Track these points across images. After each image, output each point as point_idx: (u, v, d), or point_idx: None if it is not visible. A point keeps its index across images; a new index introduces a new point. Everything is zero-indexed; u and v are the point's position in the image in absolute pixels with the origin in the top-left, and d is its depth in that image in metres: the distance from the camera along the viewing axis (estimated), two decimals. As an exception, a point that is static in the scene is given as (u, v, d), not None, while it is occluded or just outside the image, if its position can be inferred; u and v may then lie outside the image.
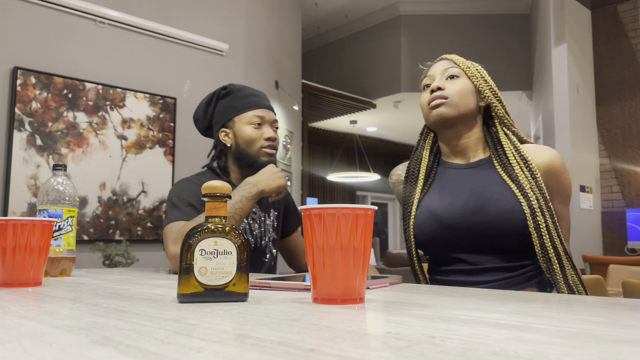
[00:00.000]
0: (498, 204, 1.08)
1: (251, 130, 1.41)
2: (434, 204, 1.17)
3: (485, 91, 1.17)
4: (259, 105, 1.45)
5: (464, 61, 1.20)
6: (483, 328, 0.44)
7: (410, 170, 1.25)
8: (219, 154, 1.46)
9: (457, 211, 1.12)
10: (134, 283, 0.92)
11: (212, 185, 0.67)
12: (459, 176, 1.18)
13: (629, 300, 0.66)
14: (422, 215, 1.18)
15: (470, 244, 1.12)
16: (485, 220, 1.09)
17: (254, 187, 1.29)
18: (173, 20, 3.38)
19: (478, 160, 1.18)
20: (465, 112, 1.16)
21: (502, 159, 1.14)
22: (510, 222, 1.07)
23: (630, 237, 4.62)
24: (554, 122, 4.85)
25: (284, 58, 4.69)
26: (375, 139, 9.38)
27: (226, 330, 0.44)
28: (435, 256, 1.21)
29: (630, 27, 5.05)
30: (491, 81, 1.20)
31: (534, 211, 1.06)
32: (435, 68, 1.22)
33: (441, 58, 1.25)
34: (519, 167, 1.11)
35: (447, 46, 6.22)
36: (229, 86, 1.47)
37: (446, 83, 1.17)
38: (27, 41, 2.77)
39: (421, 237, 1.18)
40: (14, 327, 0.45)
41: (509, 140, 1.16)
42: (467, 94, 1.16)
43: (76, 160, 2.88)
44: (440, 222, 1.14)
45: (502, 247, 1.10)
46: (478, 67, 1.21)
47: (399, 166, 1.34)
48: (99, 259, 2.76)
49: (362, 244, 0.61)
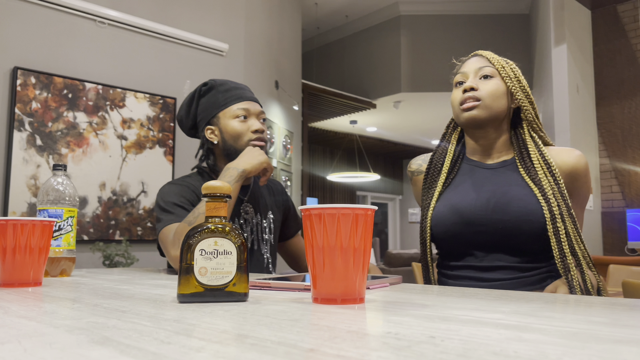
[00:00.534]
0: (519, 205, 1.09)
1: (237, 124, 1.37)
2: (456, 198, 1.17)
3: (517, 93, 1.15)
4: (243, 97, 1.40)
5: (499, 60, 1.18)
6: (483, 328, 0.44)
7: (433, 162, 1.25)
8: (207, 153, 1.42)
9: (479, 208, 1.13)
10: (134, 283, 0.92)
11: (212, 185, 0.67)
12: (483, 174, 1.18)
13: (629, 300, 0.66)
14: (442, 208, 1.18)
15: (488, 241, 1.12)
16: (506, 219, 1.09)
17: (235, 169, 1.27)
18: (173, 20, 3.38)
19: (502, 161, 1.18)
20: (497, 114, 1.15)
21: (526, 162, 1.13)
22: (530, 224, 1.07)
23: (630, 237, 4.62)
24: (554, 122, 4.85)
25: (284, 58, 4.69)
26: (375, 139, 9.38)
27: (226, 330, 0.44)
28: (448, 251, 1.20)
29: (630, 27, 5.05)
30: (524, 81, 1.17)
31: (554, 216, 1.06)
32: (469, 65, 1.20)
33: (475, 54, 1.23)
34: (542, 172, 1.11)
35: (447, 46, 6.22)
36: (210, 82, 1.43)
37: (479, 83, 1.16)
38: (27, 41, 2.77)
39: (439, 229, 1.18)
40: (14, 327, 0.45)
41: (534, 143, 1.15)
42: (500, 96, 1.15)
43: (76, 160, 2.88)
44: (461, 216, 1.14)
45: (519, 247, 1.10)
46: (513, 66, 1.18)
47: (420, 156, 1.34)
48: (99, 259, 2.75)
49: (362, 244, 0.61)
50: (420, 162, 1.31)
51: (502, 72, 1.16)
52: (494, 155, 1.20)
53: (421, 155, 1.33)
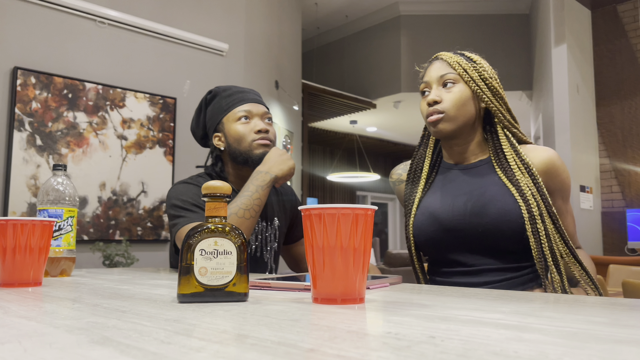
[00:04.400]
0: (497, 205, 1.08)
1: (239, 126, 1.34)
2: (434, 204, 1.16)
3: (483, 96, 1.13)
4: (245, 100, 1.38)
5: (459, 63, 1.14)
6: (483, 328, 0.44)
7: (413, 169, 1.25)
8: (215, 160, 1.40)
9: (456, 213, 1.12)
10: (134, 283, 0.92)
11: (212, 185, 0.67)
12: (460, 177, 1.18)
13: (629, 300, 0.66)
14: (421, 216, 1.18)
15: (469, 245, 1.12)
16: (484, 221, 1.08)
17: (267, 174, 1.25)
18: (173, 20, 3.38)
19: (478, 161, 1.18)
20: (465, 122, 1.13)
21: (502, 162, 1.13)
22: (509, 224, 1.07)
23: (630, 237, 4.62)
24: (554, 122, 4.85)
25: (284, 58, 4.69)
26: (375, 139, 9.38)
27: (226, 330, 0.44)
28: (434, 257, 1.21)
29: (630, 27, 5.05)
30: (491, 78, 1.14)
31: (533, 217, 1.05)
32: (431, 73, 1.17)
33: (436, 57, 1.20)
34: (519, 172, 1.10)
35: (447, 46, 6.18)
36: (214, 89, 1.42)
37: (442, 93, 1.13)
38: (27, 41, 2.77)
39: (420, 238, 1.18)
40: (14, 327, 0.45)
41: (509, 142, 1.14)
42: (464, 103, 1.12)
43: (76, 160, 2.88)
44: (440, 223, 1.14)
45: (501, 248, 1.10)
46: (476, 66, 1.15)
47: (399, 165, 1.33)
48: (99, 259, 2.75)
49: (362, 244, 0.61)
50: (400, 172, 1.31)
51: (465, 77, 1.13)
52: (469, 157, 1.19)
53: (400, 165, 1.33)
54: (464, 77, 1.13)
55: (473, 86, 1.13)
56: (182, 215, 1.26)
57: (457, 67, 1.14)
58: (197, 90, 3.41)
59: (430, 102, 1.14)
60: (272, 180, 1.26)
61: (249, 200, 1.21)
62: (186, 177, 1.49)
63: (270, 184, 1.25)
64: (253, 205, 1.21)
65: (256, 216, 1.23)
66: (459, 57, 1.16)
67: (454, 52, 1.20)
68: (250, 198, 1.21)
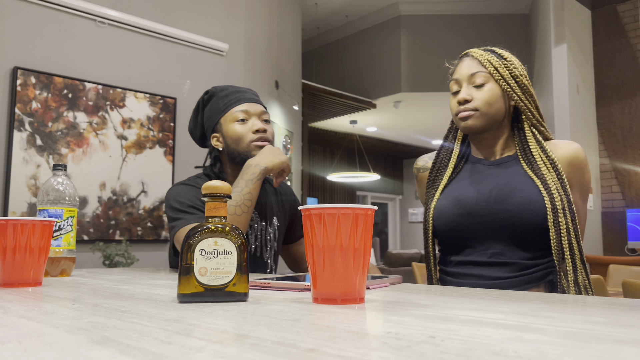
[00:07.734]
0: (522, 195, 1.10)
1: (237, 126, 1.33)
2: (459, 190, 1.18)
3: (512, 94, 1.14)
4: (242, 100, 1.37)
5: (490, 61, 1.15)
6: (483, 328, 0.44)
7: (440, 158, 1.27)
8: (214, 160, 1.40)
9: (481, 199, 1.14)
10: (134, 283, 0.92)
11: (212, 185, 0.67)
12: (486, 170, 1.20)
13: (629, 300, 0.66)
14: (444, 200, 1.19)
15: (489, 232, 1.13)
16: (507, 209, 1.10)
17: (256, 166, 1.25)
18: (173, 20, 3.38)
19: (505, 157, 1.20)
20: (495, 118, 1.15)
21: (528, 157, 1.15)
22: (531, 213, 1.08)
23: (630, 237, 4.62)
24: (554, 122, 4.85)
25: (284, 58, 4.69)
26: (375, 139, 9.38)
27: (226, 330, 0.44)
28: (450, 244, 1.21)
29: (630, 27, 5.05)
30: (521, 75, 1.15)
31: (556, 210, 1.07)
32: (461, 71, 1.18)
33: (466, 53, 1.21)
34: (545, 167, 1.12)
35: (447, 46, 6.22)
36: (211, 89, 1.41)
37: (473, 92, 1.15)
38: (27, 41, 2.77)
39: (440, 222, 1.18)
40: (14, 327, 0.45)
41: (535, 139, 1.16)
42: (495, 101, 1.14)
43: (76, 160, 2.88)
44: (463, 207, 1.15)
45: (520, 239, 1.11)
46: (507, 63, 1.16)
47: (427, 154, 1.35)
48: (99, 259, 2.75)
49: (362, 244, 0.61)
50: (427, 159, 1.33)
51: (495, 75, 1.14)
52: (497, 152, 1.21)
53: (428, 154, 1.35)
54: (494, 75, 1.14)
55: (503, 84, 1.14)
56: (180, 218, 1.26)
57: (487, 66, 1.15)
58: (197, 90, 3.41)
59: (461, 101, 1.15)
60: (262, 172, 1.25)
61: (239, 197, 1.21)
62: (186, 177, 1.49)
63: (261, 176, 1.24)
64: (244, 201, 1.21)
65: (249, 211, 1.22)
66: (489, 54, 1.17)
67: (484, 49, 1.20)
68: (240, 194, 1.21)
